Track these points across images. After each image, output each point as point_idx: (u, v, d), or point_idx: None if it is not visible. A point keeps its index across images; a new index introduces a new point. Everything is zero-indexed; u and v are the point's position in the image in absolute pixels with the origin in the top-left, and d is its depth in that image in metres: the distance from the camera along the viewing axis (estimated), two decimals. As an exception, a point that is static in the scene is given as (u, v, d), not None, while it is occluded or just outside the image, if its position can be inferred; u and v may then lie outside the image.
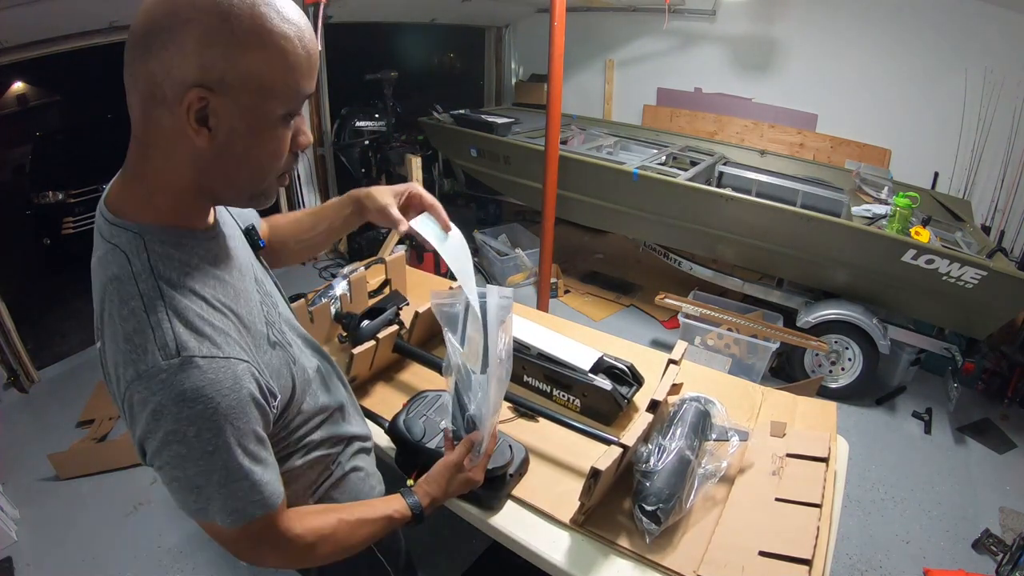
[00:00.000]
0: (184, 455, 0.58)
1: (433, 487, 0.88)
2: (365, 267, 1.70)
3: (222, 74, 0.53)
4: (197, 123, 0.55)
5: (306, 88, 0.59)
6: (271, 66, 0.55)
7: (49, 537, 2.03)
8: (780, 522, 1.00)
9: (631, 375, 1.32)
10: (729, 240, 2.92)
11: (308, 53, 0.58)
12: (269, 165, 0.62)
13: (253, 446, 0.62)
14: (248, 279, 0.71)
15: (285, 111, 0.59)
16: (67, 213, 3.84)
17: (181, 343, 0.57)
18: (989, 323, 2.53)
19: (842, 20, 3.60)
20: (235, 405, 0.59)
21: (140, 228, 0.60)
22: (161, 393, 0.56)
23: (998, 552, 2.01)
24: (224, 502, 0.61)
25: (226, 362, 0.59)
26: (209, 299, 0.61)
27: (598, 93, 4.86)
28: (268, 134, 0.59)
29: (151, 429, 0.57)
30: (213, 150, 0.57)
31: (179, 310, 0.58)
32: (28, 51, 2.57)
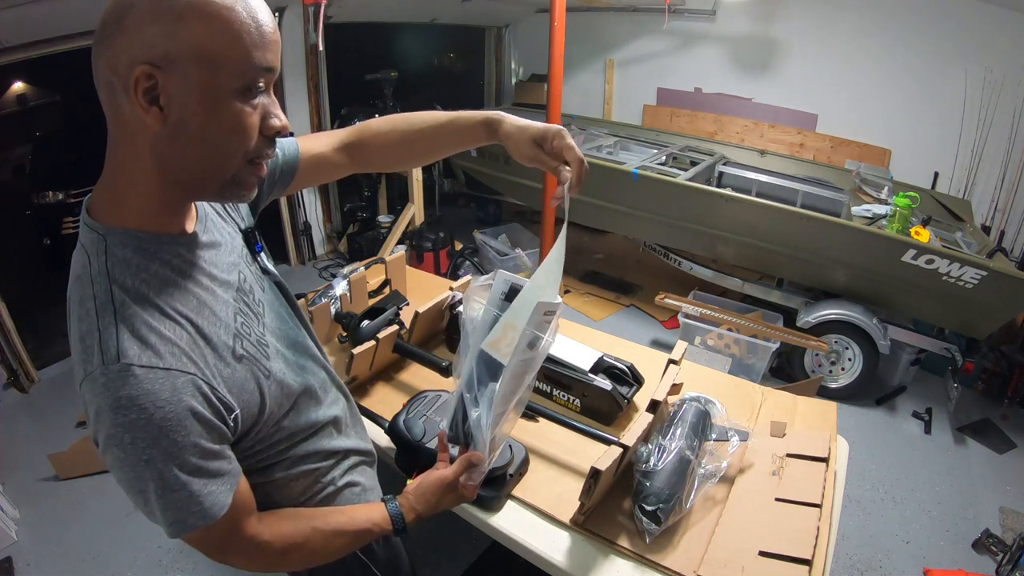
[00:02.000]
0: (123, 459, 0.57)
1: (421, 502, 0.83)
2: (365, 267, 1.70)
3: (166, 49, 0.52)
4: (148, 103, 0.54)
5: (259, 59, 0.57)
6: (213, 35, 0.53)
7: (49, 537, 2.03)
8: (780, 522, 1.00)
9: (631, 375, 1.32)
10: (729, 240, 2.92)
11: (257, 23, 0.56)
12: (230, 146, 0.59)
13: (194, 459, 0.60)
14: (226, 288, 0.68)
15: (239, 85, 0.56)
16: (67, 213, 3.83)
17: (122, 350, 0.56)
18: (989, 323, 2.53)
19: (842, 20, 3.60)
20: (171, 417, 0.57)
21: (105, 230, 0.60)
22: (100, 397, 0.56)
23: (998, 552, 2.01)
24: (163, 512, 0.60)
25: (166, 373, 0.57)
26: (163, 307, 0.60)
27: (598, 93, 4.86)
28: (223, 110, 0.56)
29: (96, 428, 0.58)
30: (168, 132, 0.56)
31: (127, 316, 0.57)
32: (28, 51, 2.57)
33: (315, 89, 3.93)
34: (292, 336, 0.82)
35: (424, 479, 0.85)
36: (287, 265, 4.16)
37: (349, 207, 4.23)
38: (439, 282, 1.92)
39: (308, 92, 3.90)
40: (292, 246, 4.15)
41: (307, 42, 3.71)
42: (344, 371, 1.31)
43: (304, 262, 4.22)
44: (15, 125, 6.39)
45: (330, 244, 4.41)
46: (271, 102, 0.61)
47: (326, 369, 0.89)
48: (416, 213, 3.80)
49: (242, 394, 0.67)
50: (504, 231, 4.27)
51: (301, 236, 4.15)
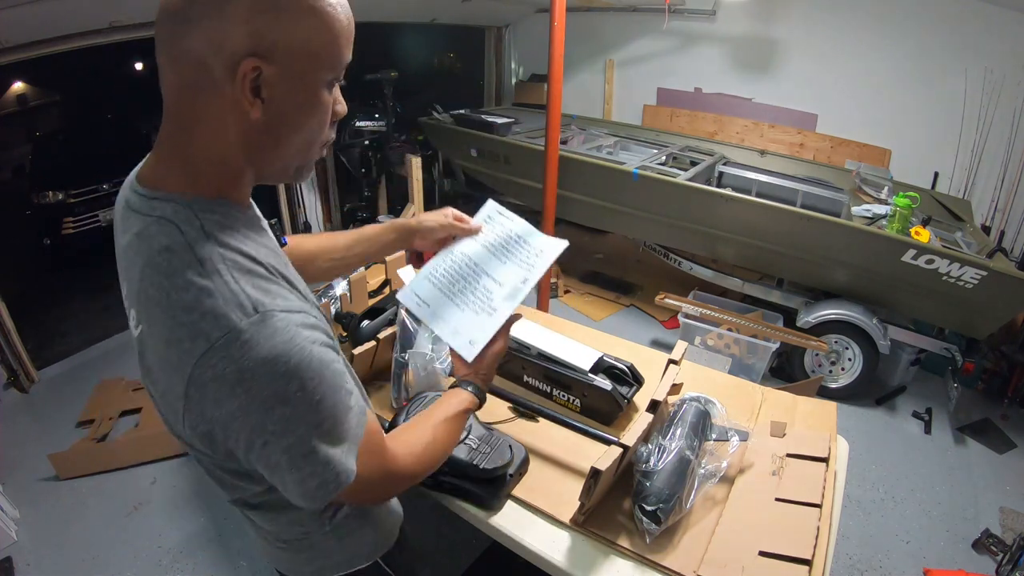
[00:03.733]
0: (289, 416, 0.55)
1: (488, 375, 0.89)
2: (365, 267, 1.70)
3: (274, 42, 0.53)
4: (252, 93, 0.54)
5: (348, 54, 0.60)
6: (320, 32, 0.55)
7: (49, 537, 2.03)
8: (780, 522, 1.00)
9: (631, 375, 1.32)
10: (729, 240, 2.92)
11: (349, 20, 0.59)
12: (317, 134, 0.62)
13: (347, 384, 0.61)
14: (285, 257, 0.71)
15: (331, 77, 0.59)
16: (67, 213, 3.84)
17: (255, 300, 0.54)
18: (989, 323, 2.53)
19: (842, 20, 3.60)
20: (326, 350, 0.58)
21: (188, 200, 0.57)
22: (247, 357, 0.52)
23: (998, 552, 2.01)
24: (344, 454, 0.60)
25: (303, 315, 0.57)
26: (266, 266, 0.59)
27: (598, 93, 4.86)
28: (317, 101, 0.59)
29: (241, 404, 0.53)
30: (265, 121, 0.56)
31: (243, 271, 0.56)
32: (28, 51, 2.57)
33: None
34: None
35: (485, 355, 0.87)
36: (287, 265, 4.16)
37: (349, 207, 4.24)
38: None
39: (308, 92, 3.89)
40: (292, 246, 4.15)
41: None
42: (344, 371, 1.31)
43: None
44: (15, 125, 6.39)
45: (330, 244, 4.41)
46: (336, 89, 0.64)
47: None
48: (416, 213, 3.80)
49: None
50: (504, 231, 4.26)
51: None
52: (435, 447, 0.79)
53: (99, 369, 2.94)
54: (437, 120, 4.00)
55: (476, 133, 3.68)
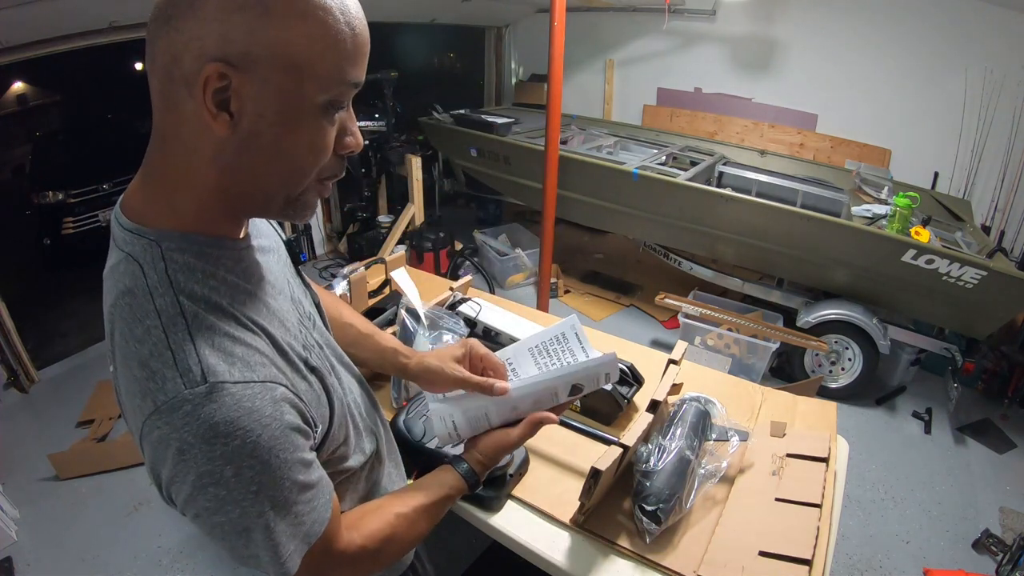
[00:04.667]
0: (224, 498, 0.49)
1: (488, 456, 0.78)
2: (365, 267, 1.70)
3: (247, 46, 0.45)
4: (216, 107, 0.46)
5: (351, 74, 0.50)
6: (306, 40, 0.46)
7: (49, 537, 2.03)
8: (780, 522, 1.00)
9: (631, 375, 1.32)
10: (729, 240, 2.92)
11: (353, 31, 0.49)
12: (305, 163, 0.52)
13: (301, 475, 0.54)
14: (284, 298, 0.63)
15: (325, 99, 0.50)
16: (67, 213, 3.84)
17: (208, 367, 0.48)
18: (989, 323, 2.53)
19: (842, 20, 3.60)
20: (278, 435, 0.50)
21: (157, 235, 0.52)
22: (186, 428, 0.47)
23: (998, 552, 2.01)
24: (280, 544, 0.53)
25: (263, 387, 0.50)
26: (239, 317, 0.53)
27: (598, 93, 4.86)
28: (303, 124, 0.50)
29: (178, 472, 0.48)
30: (236, 141, 0.48)
31: (203, 329, 0.49)
32: (28, 51, 2.57)
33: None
34: (340, 352, 0.77)
35: (488, 439, 0.78)
36: (287, 265, 4.16)
37: (349, 207, 4.24)
38: (439, 282, 1.92)
39: (308, 92, 3.89)
40: (292, 246, 4.15)
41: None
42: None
43: (304, 262, 4.23)
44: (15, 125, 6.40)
45: (330, 244, 4.42)
46: (349, 117, 0.55)
47: (368, 391, 0.83)
48: (416, 213, 3.80)
49: (319, 409, 0.60)
50: (504, 231, 4.27)
51: (301, 236, 4.15)
52: (403, 539, 0.69)
53: (99, 369, 2.94)
54: (437, 120, 4.00)
55: (476, 133, 3.68)
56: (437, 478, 0.76)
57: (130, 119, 4.81)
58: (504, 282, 3.85)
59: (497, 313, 1.45)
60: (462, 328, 1.26)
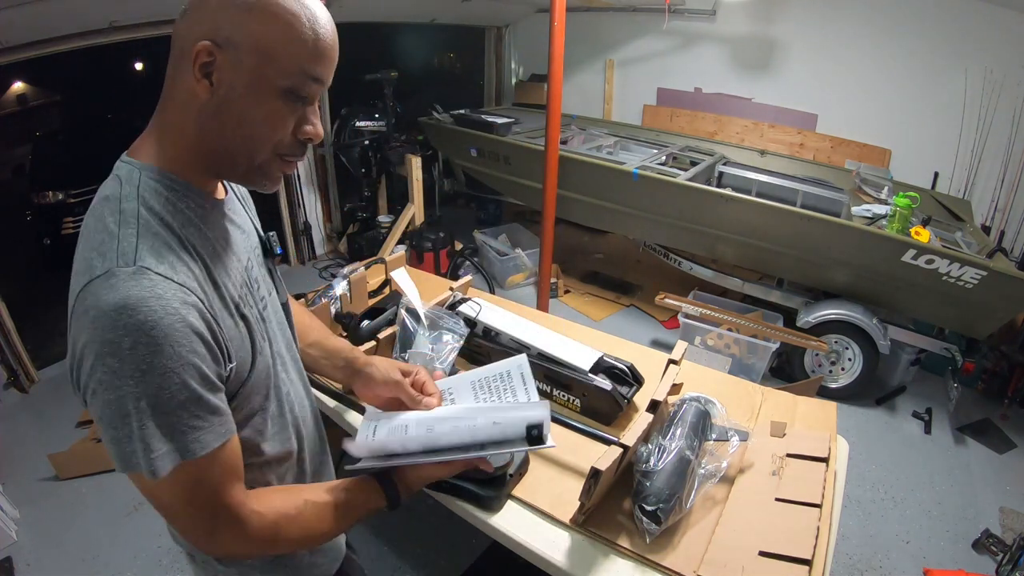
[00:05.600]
0: (115, 371, 0.53)
1: (415, 482, 0.80)
2: (365, 267, 1.70)
3: (231, 33, 0.58)
4: (202, 76, 0.59)
5: (311, 69, 0.62)
6: (274, 34, 0.59)
7: (49, 537, 2.03)
8: (780, 522, 1.00)
9: (631, 375, 1.32)
10: (729, 240, 2.92)
11: (316, 35, 0.61)
12: (263, 134, 0.63)
13: (194, 383, 0.57)
14: (237, 262, 0.70)
15: (286, 84, 0.61)
16: (67, 213, 3.84)
17: (139, 255, 0.56)
18: (989, 323, 2.53)
19: (842, 20, 3.60)
20: (179, 328, 0.55)
21: (142, 165, 0.63)
22: (104, 299, 0.53)
23: (998, 552, 2.01)
24: (151, 438, 0.55)
25: (179, 287, 0.57)
26: (183, 240, 0.62)
27: (598, 93, 4.86)
28: (264, 100, 0.61)
29: (89, 340, 0.54)
30: (214, 105, 0.60)
31: (149, 233, 0.59)
32: (28, 51, 2.57)
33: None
34: (295, 355, 0.83)
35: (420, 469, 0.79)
36: (287, 265, 4.16)
37: (349, 207, 4.24)
38: (439, 282, 1.92)
39: (308, 92, 3.90)
40: (292, 246, 4.16)
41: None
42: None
43: (304, 262, 4.23)
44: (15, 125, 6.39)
45: (330, 244, 4.41)
46: (312, 111, 0.66)
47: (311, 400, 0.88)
48: (416, 213, 3.80)
49: (239, 350, 0.66)
50: (504, 231, 4.27)
51: (301, 236, 4.15)
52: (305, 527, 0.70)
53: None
54: (437, 120, 4.00)
55: (476, 133, 3.68)
56: (358, 485, 0.76)
57: (130, 119, 4.81)
58: (504, 282, 3.85)
59: (497, 313, 1.45)
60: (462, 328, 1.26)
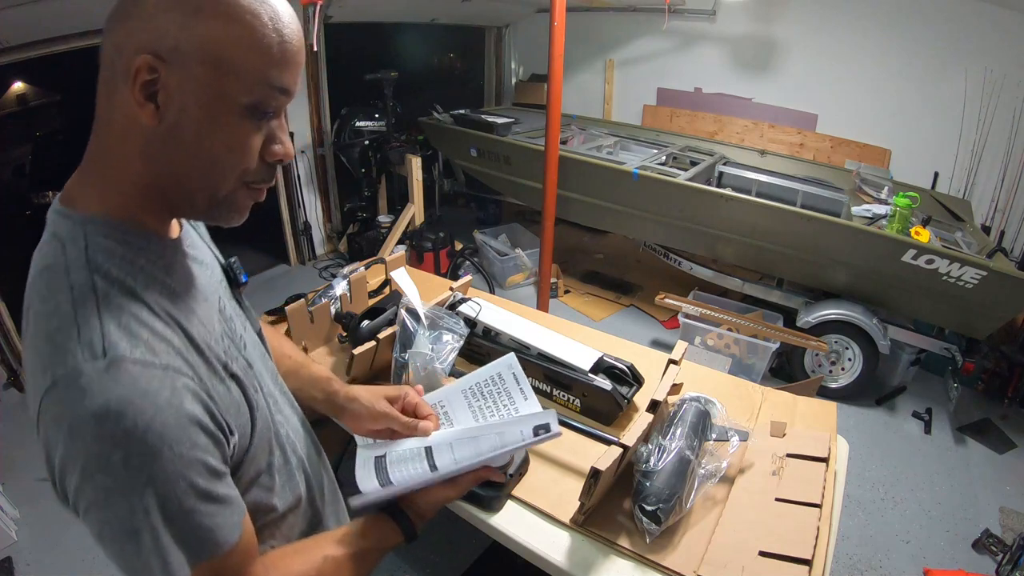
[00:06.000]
0: (110, 487, 0.45)
1: (429, 507, 0.76)
2: (365, 267, 1.70)
3: (176, 41, 0.47)
4: (145, 97, 0.48)
5: (275, 78, 0.51)
6: (232, 40, 0.48)
7: (49, 537, 2.02)
8: (780, 522, 1.00)
9: (631, 375, 1.32)
10: (729, 240, 2.92)
11: (281, 37, 0.50)
12: (225, 161, 0.52)
13: (201, 480, 0.49)
14: (210, 307, 0.60)
15: (248, 100, 0.50)
16: (67, 213, 3.83)
17: (110, 343, 0.46)
18: (989, 323, 2.53)
19: (842, 20, 3.60)
20: (173, 424, 0.46)
21: (84, 219, 0.52)
22: (79, 405, 0.44)
23: (998, 552, 2.01)
24: (167, 550, 0.48)
25: (164, 372, 0.47)
26: (152, 305, 0.51)
27: (598, 93, 4.86)
28: (224, 122, 0.50)
29: (69, 455, 0.45)
30: (162, 133, 0.50)
31: (112, 308, 0.48)
32: (28, 51, 2.58)
33: (315, 89, 3.93)
34: (282, 385, 0.74)
35: (432, 491, 0.76)
36: (287, 265, 4.16)
37: (349, 207, 4.24)
38: (439, 282, 1.92)
39: (308, 92, 3.90)
40: (292, 246, 4.15)
41: (307, 42, 3.71)
42: (344, 371, 1.31)
43: (304, 262, 4.22)
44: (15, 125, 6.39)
45: (330, 244, 4.41)
46: (279, 125, 0.56)
47: (311, 433, 0.79)
48: (416, 213, 3.80)
49: (238, 418, 0.56)
50: (504, 231, 4.27)
51: (301, 236, 4.15)
52: None
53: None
54: (437, 120, 4.00)
55: (476, 133, 3.68)
56: (372, 527, 0.71)
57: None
58: (504, 282, 3.85)
59: (497, 313, 1.45)
60: (462, 328, 1.26)
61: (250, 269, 4.53)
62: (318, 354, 1.49)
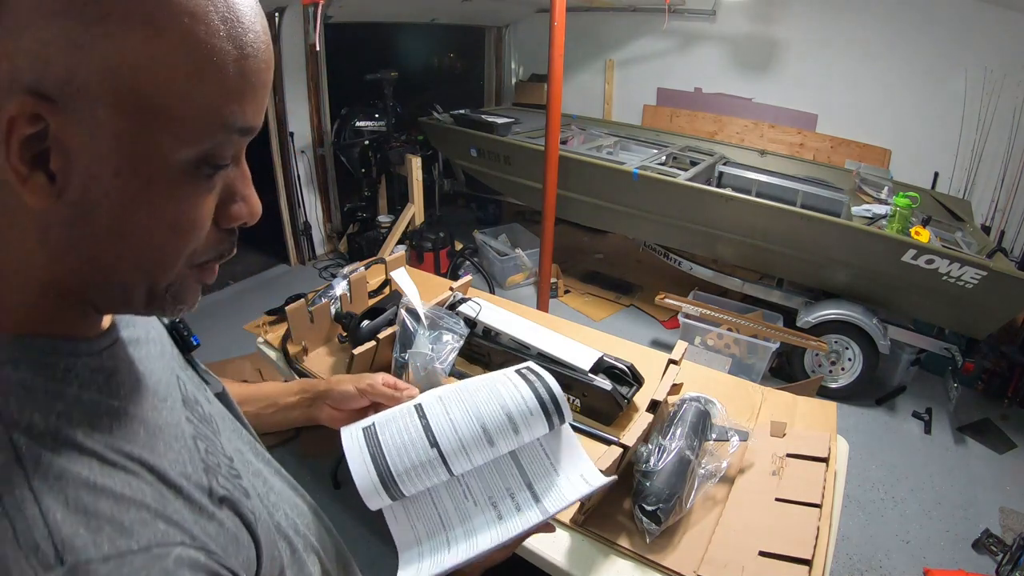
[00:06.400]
0: None
1: None
2: (365, 267, 1.70)
3: (70, 69, 0.29)
4: (29, 163, 0.30)
5: (235, 115, 0.34)
6: (161, 62, 0.30)
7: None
8: (780, 522, 1.00)
9: (631, 375, 1.32)
10: (729, 240, 2.92)
11: (242, 53, 0.33)
12: (166, 246, 0.36)
13: None
14: (172, 405, 0.45)
15: (195, 153, 0.34)
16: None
17: (63, 541, 0.31)
18: (989, 323, 2.54)
19: (842, 20, 3.61)
20: None
21: None
22: None
23: (998, 552, 2.02)
24: None
25: (147, 556, 0.33)
26: (102, 452, 0.35)
27: (598, 93, 4.86)
28: (160, 192, 0.34)
29: None
30: (65, 214, 0.32)
31: (52, 479, 0.32)
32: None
33: (315, 89, 3.93)
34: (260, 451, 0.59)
35: None
36: (287, 265, 4.17)
37: (349, 207, 4.24)
38: (439, 282, 1.92)
39: (308, 92, 3.90)
40: (292, 246, 4.16)
41: (307, 42, 3.72)
42: (344, 371, 1.31)
43: (304, 262, 4.23)
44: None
45: (330, 244, 4.42)
46: (239, 175, 0.39)
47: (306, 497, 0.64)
48: (416, 213, 3.80)
49: (240, 552, 0.42)
50: (504, 231, 4.27)
51: (301, 236, 4.15)
52: None
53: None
54: (437, 120, 4.00)
55: (476, 133, 3.68)
56: None
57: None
58: (504, 282, 3.85)
59: (497, 313, 1.45)
60: (462, 328, 1.26)
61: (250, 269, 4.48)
62: (318, 354, 1.49)
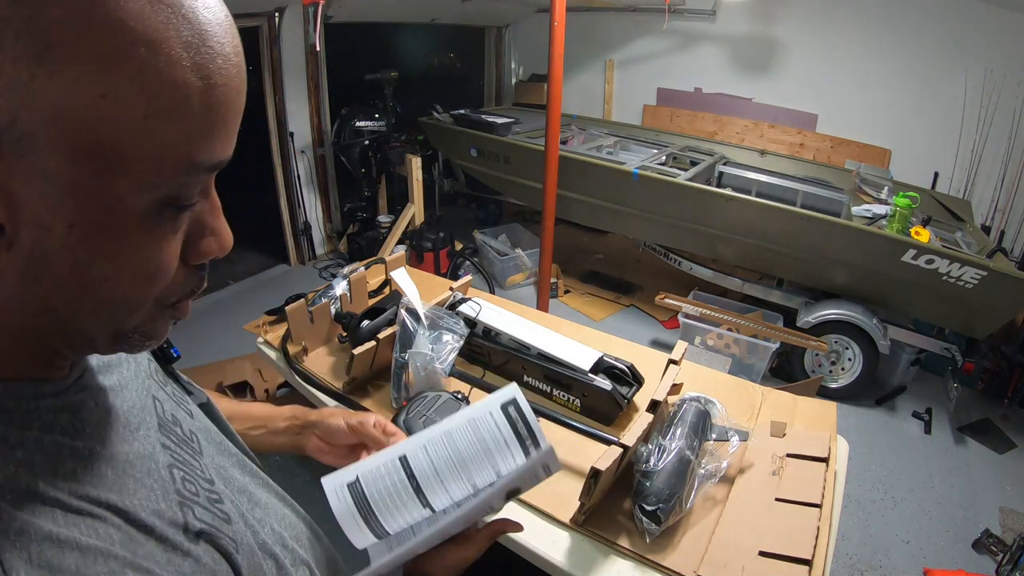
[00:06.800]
0: None
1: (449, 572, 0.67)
2: (365, 267, 1.70)
3: (12, 113, 0.26)
4: None
5: (202, 153, 0.32)
6: (115, 98, 0.27)
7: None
8: (780, 522, 1.00)
9: (631, 375, 1.32)
10: (729, 240, 2.92)
11: (209, 82, 0.30)
12: (128, 294, 0.34)
13: None
14: (145, 433, 0.42)
15: (155, 196, 0.31)
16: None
17: None
18: (989, 323, 2.54)
19: (842, 20, 3.61)
20: None
21: None
22: None
23: (998, 552, 2.01)
24: None
25: None
26: (66, 500, 0.33)
27: (598, 93, 4.86)
28: (121, 240, 0.31)
29: None
30: (19, 266, 0.30)
31: (13, 535, 0.30)
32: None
33: (315, 89, 3.93)
34: (246, 463, 0.56)
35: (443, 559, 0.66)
36: (287, 265, 4.17)
37: (349, 207, 4.24)
38: (439, 282, 1.92)
39: (308, 92, 3.90)
40: (292, 246, 4.16)
41: (307, 42, 3.72)
42: (344, 371, 1.31)
43: (304, 262, 4.23)
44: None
45: (330, 244, 4.42)
46: (208, 208, 0.36)
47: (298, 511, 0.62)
48: (416, 213, 3.80)
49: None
50: (504, 231, 4.27)
51: (301, 236, 4.15)
52: None
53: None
54: (437, 120, 4.00)
55: (476, 133, 3.68)
56: None
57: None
58: (504, 282, 3.85)
59: (497, 313, 1.45)
60: (462, 328, 1.26)
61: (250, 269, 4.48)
62: (318, 354, 1.49)
